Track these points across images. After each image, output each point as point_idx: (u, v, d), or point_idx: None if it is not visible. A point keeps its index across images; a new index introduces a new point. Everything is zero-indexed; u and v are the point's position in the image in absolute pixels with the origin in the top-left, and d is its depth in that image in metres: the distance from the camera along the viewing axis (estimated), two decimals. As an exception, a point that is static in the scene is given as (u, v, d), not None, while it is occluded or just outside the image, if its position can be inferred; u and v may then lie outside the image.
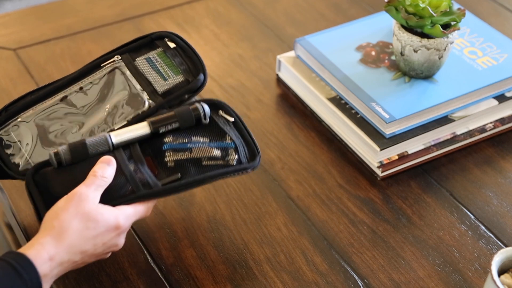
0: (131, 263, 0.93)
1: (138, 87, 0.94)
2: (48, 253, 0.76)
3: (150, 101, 0.93)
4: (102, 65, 0.97)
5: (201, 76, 0.93)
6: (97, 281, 0.90)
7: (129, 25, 1.35)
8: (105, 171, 0.83)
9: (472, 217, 1.00)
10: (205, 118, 0.90)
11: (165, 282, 0.90)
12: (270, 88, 1.21)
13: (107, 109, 0.93)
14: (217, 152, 0.89)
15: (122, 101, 0.94)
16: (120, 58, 0.97)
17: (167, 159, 0.88)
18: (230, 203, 1.01)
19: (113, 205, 0.83)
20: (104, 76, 0.96)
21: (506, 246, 0.96)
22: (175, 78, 0.94)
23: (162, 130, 0.89)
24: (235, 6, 1.41)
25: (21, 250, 0.76)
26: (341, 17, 1.37)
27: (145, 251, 0.94)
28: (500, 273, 0.83)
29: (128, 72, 0.95)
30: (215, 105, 0.93)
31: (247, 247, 0.95)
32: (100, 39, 1.31)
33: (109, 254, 0.85)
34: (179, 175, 0.87)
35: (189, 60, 0.96)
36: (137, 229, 0.96)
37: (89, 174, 0.83)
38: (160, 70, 0.95)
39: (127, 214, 0.83)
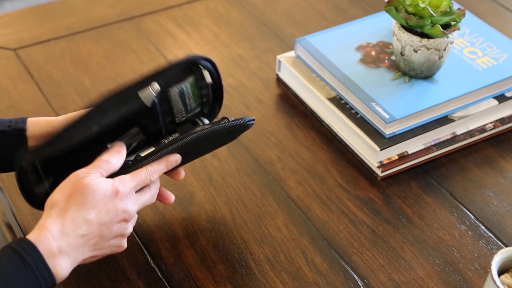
0: (131, 263, 0.93)
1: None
2: (50, 231, 0.76)
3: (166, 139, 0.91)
4: (139, 93, 0.88)
5: (216, 110, 0.94)
6: (97, 281, 0.90)
7: (129, 25, 1.35)
8: (112, 157, 0.83)
9: (472, 217, 1.00)
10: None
11: (165, 282, 0.90)
12: (270, 88, 1.22)
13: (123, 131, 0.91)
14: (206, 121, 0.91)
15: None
16: (158, 87, 0.88)
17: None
18: (230, 203, 1.01)
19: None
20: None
21: (506, 246, 0.96)
22: (194, 110, 0.93)
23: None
24: (235, 6, 1.41)
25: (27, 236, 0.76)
26: (341, 17, 1.37)
27: (145, 251, 0.94)
28: (500, 273, 0.83)
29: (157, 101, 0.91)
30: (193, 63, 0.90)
31: (247, 247, 0.95)
32: (100, 39, 1.31)
33: (129, 229, 0.83)
34: (178, 134, 0.88)
35: (212, 94, 0.94)
36: (137, 229, 0.96)
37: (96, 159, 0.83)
38: (187, 103, 0.92)
39: (124, 179, 0.82)
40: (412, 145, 1.06)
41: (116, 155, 0.84)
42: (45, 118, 0.91)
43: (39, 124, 0.90)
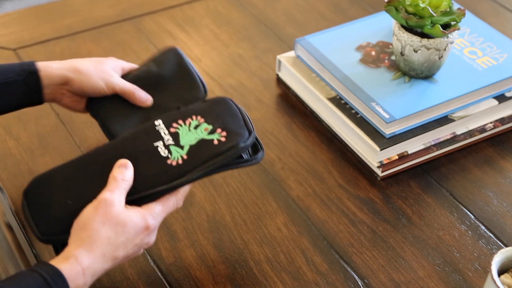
0: (131, 263, 0.93)
1: None
2: (81, 266, 0.76)
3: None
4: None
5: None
6: (97, 281, 0.90)
7: (129, 25, 1.35)
8: (124, 174, 0.83)
9: (472, 217, 1.00)
10: None
11: (165, 282, 0.90)
12: (270, 88, 1.22)
13: None
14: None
15: None
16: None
17: None
18: (230, 203, 1.01)
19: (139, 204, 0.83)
20: None
21: (506, 246, 0.96)
22: None
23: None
24: (235, 6, 1.41)
25: (54, 263, 0.76)
26: (341, 17, 1.37)
27: (145, 251, 0.94)
28: (500, 273, 0.83)
29: None
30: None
31: (247, 247, 0.95)
32: (100, 39, 1.31)
33: (141, 252, 0.84)
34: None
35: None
36: (137, 229, 0.96)
37: (109, 179, 0.82)
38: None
39: (155, 212, 0.82)
40: (412, 145, 1.06)
41: (126, 171, 0.83)
42: (59, 70, 0.97)
43: (57, 75, 0.97)
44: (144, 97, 0.98)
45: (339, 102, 1.12)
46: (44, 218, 0.84)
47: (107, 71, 0.98)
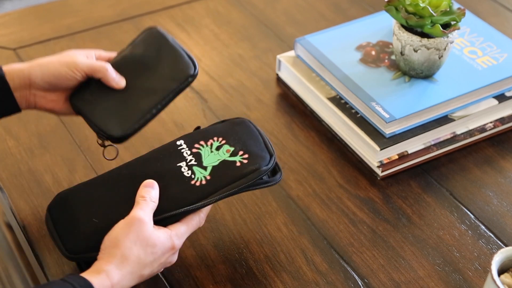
0: (131, 263, 0.92)
1: None
2: (111, 282, 0.77)
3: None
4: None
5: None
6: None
7: (129, 25, 1.35)
8: (152, 195, 0.84)
9: (472, 216, 1.00)
10: None
11: (165, 282, 0.90)
12: (270, 88, 1.21)
13: None
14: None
15: None
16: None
17: None
18: (230, 203, 1.01)
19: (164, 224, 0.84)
20: None
21: (506, 245, 0.96)
22: None
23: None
24: (235, 6, 1.41)
25: (85, 275, 0.77)
26: (341, 17, 1.37)
27: (145, 251, 0.94)
28: (500, 272, 0.83)
29: None
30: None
31: (247, 246, 0.95)
32: (100, 39, 1.31)
33: (162, 270, 0.86)
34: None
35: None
36: (137, 229, 0.96)
37: (137, 198, 0.83)
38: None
39: (181, 232, 0.84)
40: (412, 145, 1.06)
41: (153, 191, 0.84)
42: (18, 68, 0.93)
43: (17, 76, 0.93)
44: (117, 77, 0.96)
45: (339, 102, 1.12)
46: (71, 235, 0.85)
47: (70, 56, 0.95)
